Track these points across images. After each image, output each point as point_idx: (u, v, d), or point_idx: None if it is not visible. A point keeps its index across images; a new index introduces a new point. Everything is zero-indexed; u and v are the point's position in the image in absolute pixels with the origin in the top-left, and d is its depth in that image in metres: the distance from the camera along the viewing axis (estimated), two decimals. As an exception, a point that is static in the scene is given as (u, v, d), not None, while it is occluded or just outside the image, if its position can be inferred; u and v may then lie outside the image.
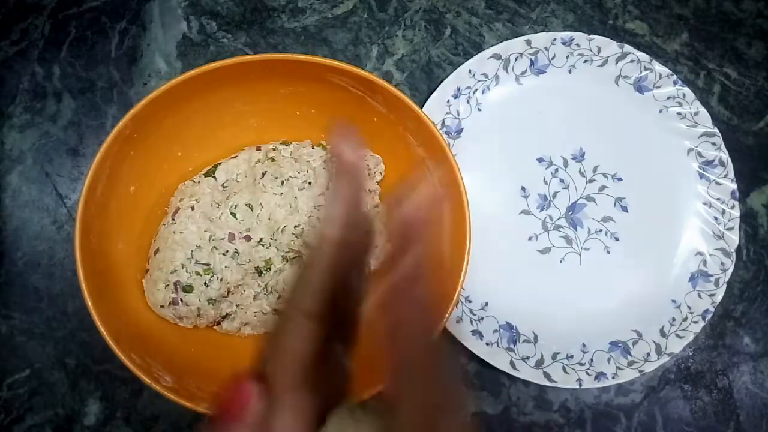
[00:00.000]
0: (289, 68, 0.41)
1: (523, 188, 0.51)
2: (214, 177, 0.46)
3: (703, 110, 0.51)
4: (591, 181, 0.51)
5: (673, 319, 0.49)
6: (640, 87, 0.51)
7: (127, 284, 0.43)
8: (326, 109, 0.46)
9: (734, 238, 0.50)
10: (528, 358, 0.47)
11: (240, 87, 0.43)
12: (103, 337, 0.36)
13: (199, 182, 0.45)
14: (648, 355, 0.48)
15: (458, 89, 0.51)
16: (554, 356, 0.48)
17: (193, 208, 0.45)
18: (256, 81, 0.43)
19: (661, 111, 0.51)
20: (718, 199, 0.50)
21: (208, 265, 0.44)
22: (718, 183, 0.51)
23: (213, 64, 0.39)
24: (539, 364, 0.47)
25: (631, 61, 0.51)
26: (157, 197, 0.45)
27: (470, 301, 0.48)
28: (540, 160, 0.51)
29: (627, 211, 0.51)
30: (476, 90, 0.51)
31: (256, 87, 0.43)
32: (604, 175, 0.51)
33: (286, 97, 0.45)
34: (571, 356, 0.48)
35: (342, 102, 0.44)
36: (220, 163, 0.46)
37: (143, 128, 0.40)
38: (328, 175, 0.21)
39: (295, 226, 0.44)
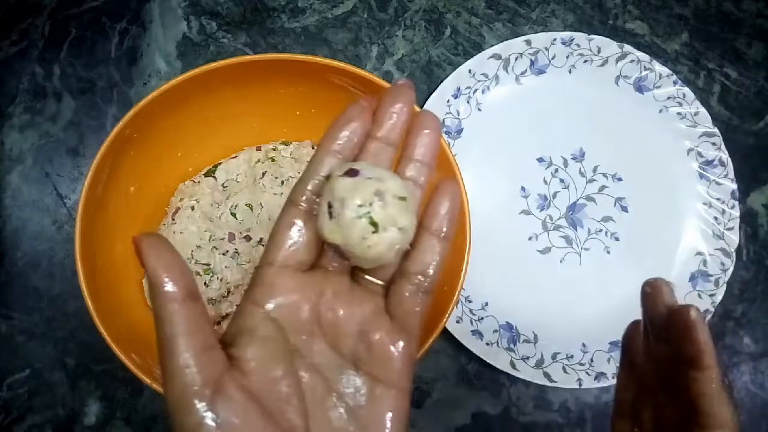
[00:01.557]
0: (290, 68, 0.41)
1: (523, 188, 0.51)
2: (214, 177, 0.46)
3: (703, 110, 0.51)
4: (591, 181, 0.51)
5: (673, 319, 0.49)
6: (640, 87, 0.51)
7: (127, 284, 0.43)
8: (326, 109, 0.45)
9: (734, 238, 0.50)
10: (528, 358, 0.47)
11: (240, 87, 0.43)
12: (104, 337, 0.36)
13: (199, 182, 0.45)
14: (648, 355, 0.48)
15: (458, 89, 0.50)
16: (554, 356, 0.48)
17: (193, 208, 0.45)
18: (256, 81, 0.43)
19: (661, 111, 0.51)
20: (718, 199, 0.50)
21: (208, 265, 0.44)
22: (718, 183, 0.51)
23: (213, 64, 0.39)
24: (539, 364, 0.47)
25: (631, 61, 0.51)
26: (157, 197, 0.45)
27: (470, 301, 0.48)
28: (540, 160, 0.51)
29: (627, 211, 0.51)
30: (476, 90, 0.51)
31: (256, 87, 0.43)
32: (604, 175, 0.51)
33: (286, 97, 0.45)
34: (571, 356, 0.48)
35: (342, 102, 0.43)
36: (220, 163, 0.46)
37: (143, 128, 0.40)
38: None
39: (295, 226, 0.44)
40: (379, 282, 0.24)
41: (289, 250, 0.23)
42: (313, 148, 0.47)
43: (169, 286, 0.20)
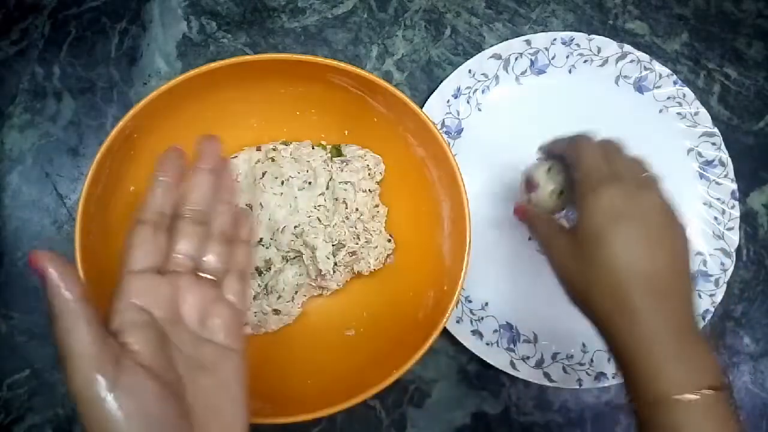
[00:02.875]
0: (289, 68, 0.41)
1: (523, 188, 0.51)
2: (214, 177, 0.46)
3: (703, 110, 0.51)
4: (591, 181, 0.51)
5: (673, 319, 0.49)
6: (640, 87, 0.52)
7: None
8: (326, 109, 0.46)
9: (734, 238, 0.50)
10: (528, 358, 0.47)
11: (240, 87, 0.43)
12: None
13: (199, 182, 0.45)
14: (648, 355, 0.48)
15: (458, 89, 0.51)
16: (554, 356, 0.48)
17: (193, 208, 0.44)
18: (256, 81, 0.43)
19: (661, 111, 0.51)
20: (718, 199, 0.50)
21: (208, 265, 0.43)
22: (718, 183, 0.51)
23: (213, 64, 0.39)
24: (539, 364, 0.47)
25: (631, 61, 0.51)
26: (157, 197, 0.45)
27: (470, 301, 0.48)
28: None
29: (627, 211, 0.51)
30: (476, 90, 0.51)
31: (256, 87, 0.43)
32: (604, 175, 0.51)
33: (286, 97, 0.45)
34: (571, 356, 0.48)
35: (342, 102, 0.44)
36: (219, 163, 0.46)
37: (144, 128, 0.40)
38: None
39: (295, 226, 0.44)
40: (213, 277, 0.32)
41: (145, 259, 0.30)
42: (313, 148, 0.47)
43: (66, 290, 0.24)
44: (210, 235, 0.33)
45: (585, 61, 0.51)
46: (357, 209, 0.45)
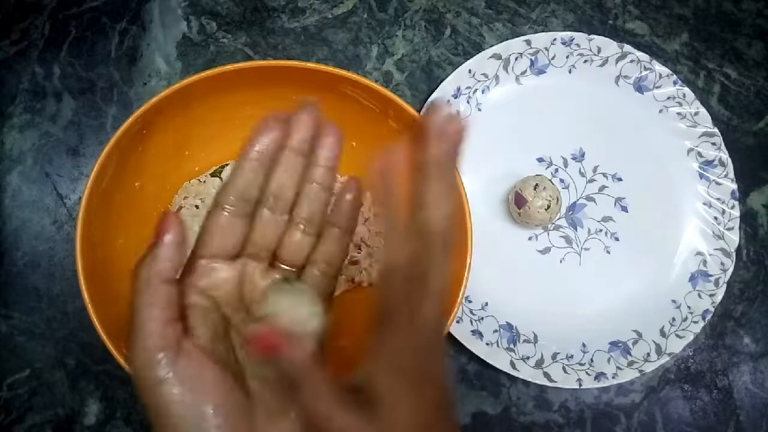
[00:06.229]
0: (303, 76, 0.41)
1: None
2: (221, 178, 0.46)
3: (703, 110, 0.51)
4: (591, 181, 0.51)
5: (673, 319, 0.49)
6: (640, 87, 0.52)
7: (124, 279, 0.42)
8: (337, 120, 0.45)
9: (734, 238, 0.50)
10: (528, 358, 0.47)
11: (252, 91, 0.42)
12: (96, 328, 0.36)
13: (204, 182, 0.45)
14: (648, 355, 0.48)
15: (458, 89, 0.51)
16: (554, 356, 0.48)
17: (197, 206, 0.45)
18: (268, 86, 0.42)
19: (661, 111, 0.51)
20: (718, 199, 0.50)
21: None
22: (718, 183, 0.51)
23: (228, 67, 0.39)
24: (539, 364, 0.47)
25: (631, 61, 0.51)
26: (162, 194, 0.45)
27: (470, 301, 0.48)
28: (540, 160, 0.51)
29: (627, 211, 0.51)
30: (476, 90, 0.51)
31: (268, 92, 0.43)
32: (604, 175, 0.51)
33: (298, 104, 0.44)
34: (571, 356, 0.48)
35: (353, 114, 0.43)
36: (227, 164, 0.46)
37: (153, 125, 0.40)
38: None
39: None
40: (292, 269, 0.30)
41: (217, 246, 0.28)
42: None
43: (162, 265, 0.25)
44: (292, 221, 0.29)
45: (585, 61, 0.51)
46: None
